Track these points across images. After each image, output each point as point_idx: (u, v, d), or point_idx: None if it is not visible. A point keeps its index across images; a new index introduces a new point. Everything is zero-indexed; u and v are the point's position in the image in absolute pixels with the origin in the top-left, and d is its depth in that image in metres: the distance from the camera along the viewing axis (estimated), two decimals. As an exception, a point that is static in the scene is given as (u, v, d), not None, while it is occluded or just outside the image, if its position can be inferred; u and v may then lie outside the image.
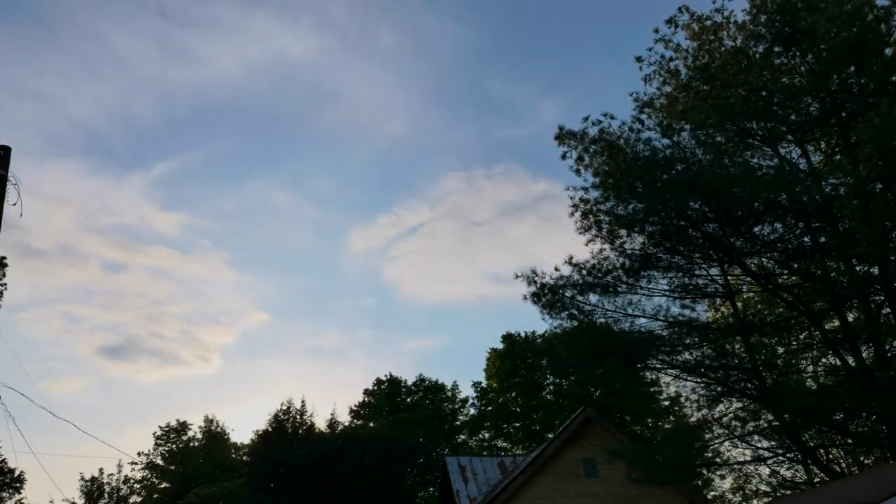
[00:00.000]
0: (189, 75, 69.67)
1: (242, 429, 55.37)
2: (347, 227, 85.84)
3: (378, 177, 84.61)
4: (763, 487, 22.71)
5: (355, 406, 45.59)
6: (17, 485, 34.52)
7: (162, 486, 47.80)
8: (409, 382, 46.44)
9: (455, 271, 79.45)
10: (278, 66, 71.20)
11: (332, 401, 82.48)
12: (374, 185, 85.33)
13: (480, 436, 43.36)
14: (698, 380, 16.92)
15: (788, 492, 20.13)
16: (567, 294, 16.04)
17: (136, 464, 48.43)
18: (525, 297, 16.36)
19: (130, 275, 75.97)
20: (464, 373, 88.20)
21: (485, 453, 39.14)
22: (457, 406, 46.23)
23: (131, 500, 47.06)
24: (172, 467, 48.56)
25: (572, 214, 17.06)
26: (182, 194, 78.76)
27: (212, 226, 79.87)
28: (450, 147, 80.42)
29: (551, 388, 40.18)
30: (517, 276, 16.53)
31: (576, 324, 16.31)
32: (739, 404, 16.80)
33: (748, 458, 18.50)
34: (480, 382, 44.39)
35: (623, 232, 15.72)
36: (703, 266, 16.26)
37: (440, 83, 76.31)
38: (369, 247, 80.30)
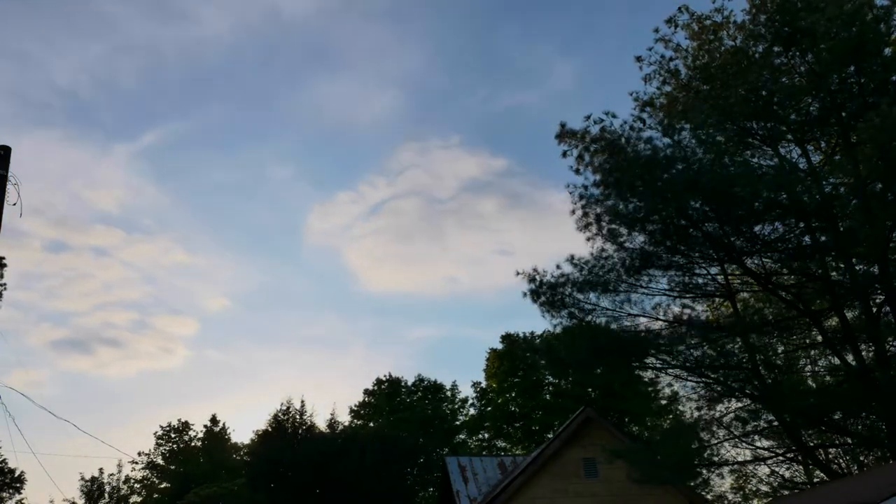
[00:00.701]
0: (173, 35, 66.67)
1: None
2: (309, 207, 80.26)
3: (354, 150, 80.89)
4: (763, 487, 22.71)
5: (355, 406, 45.66)
6: (17, 485, 34.52)
7: (162, 485, 47.82)
8: (409, 382, 46.55)
9: (423, 254, 76.23)
10: (270, 26, 68.08)
11: (301, 393, 79.99)
12: (353, 158, 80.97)
13: (480, 436, 43.36)
14: (698, 379, 16.94)
15: (788, 492, 20.13)
16: (567, 292, 16.06)
17: (136, 463, 48.51)
18: (525, 295, 16.40)
19: (75, 258, 72.74)
20: (437, 368, 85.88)
21: (484, 453, 39.13)
22: (456, 406, 46.26)
23: (131, 500, 47.08)
24: (173, 467, 48.58)
25: (573, 213, 17.04)
26: (135, 169, 74.25)
27: (158, 203, 75.35)
28: (448, 115, 77.09)
29: (551, 388, 40.17)
30: (518, 274, 16.56)
31: (575, 322, 16.32)
32: (739, 404, 16.80)
33: (748, 458, 18.52)
34: (480, 382, 44.47)
35: (623, 231, 15.71)
36: (704, 265, 16.28)
37: (441, 44, 73.12)
38: (331, 226, 76.21)
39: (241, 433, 74.47)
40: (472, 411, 44.99)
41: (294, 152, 79.32)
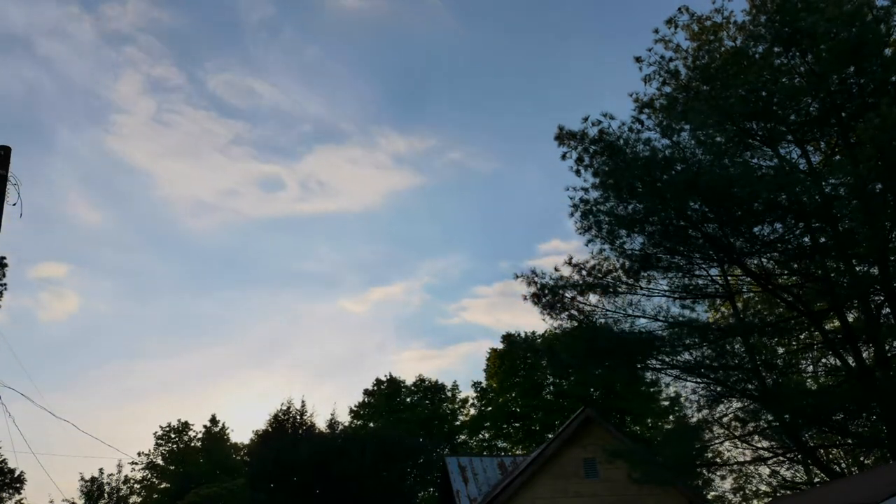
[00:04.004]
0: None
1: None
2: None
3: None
4: (763, 487, 22.75)
5: (355, 406, 45.71)
6: (17, 485, 34.52)
7: (162, 486, 47.82)
8: (409, 383, 46.63)
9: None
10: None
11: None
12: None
13: (480, 436, 43.40)
14: (698, 380, 16.92)
15: (788, 492, 20.14)
16: (567, 295, 16.06)
17: (136, 464, 48.53)
18: (525, 298, 16.38)
19: None
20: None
21: (485, 453, 39.15)
22: (457, 406, 46.30)
23: (131, 500, 47.07)
24: (172, 467, 48.59)
25: (572, 214, 17.03)
26: None
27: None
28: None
29: (551, 388, 40.20)
30: (517, 277, 16.55)
31: (576, 324, 16.31)
32: (739, 404, 16.81)
33: (748, 458, 18.53)
34: (480, 382, 44.51)
35: (623, 232, 15.70)
36: (703, 266, 16.27)
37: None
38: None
39: (241, 433, 74.02)
40: (472, 411, 45.05)
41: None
